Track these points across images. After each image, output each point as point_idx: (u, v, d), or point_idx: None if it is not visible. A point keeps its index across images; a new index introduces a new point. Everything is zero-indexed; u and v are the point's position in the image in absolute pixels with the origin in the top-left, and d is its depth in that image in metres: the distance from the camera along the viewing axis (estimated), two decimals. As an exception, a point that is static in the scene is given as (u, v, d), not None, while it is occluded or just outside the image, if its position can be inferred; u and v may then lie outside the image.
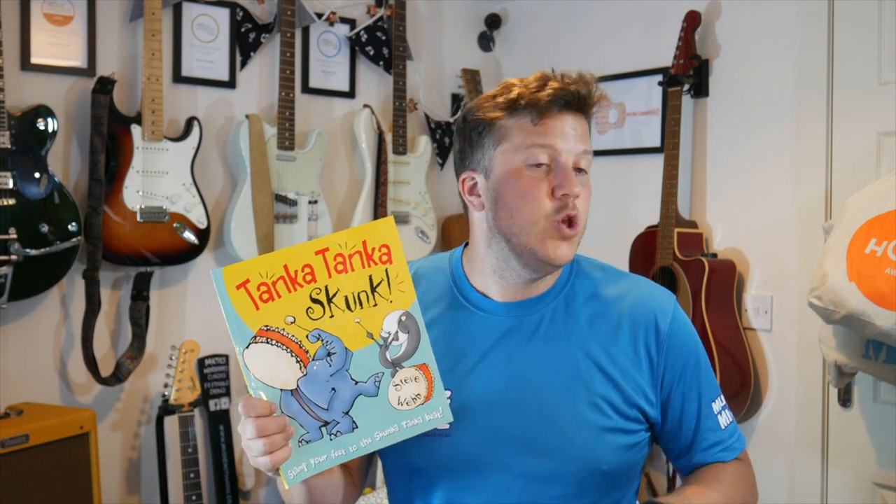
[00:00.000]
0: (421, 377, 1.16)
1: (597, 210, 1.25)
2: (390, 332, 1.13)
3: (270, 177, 2.70)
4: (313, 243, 1.09)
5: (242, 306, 1.06)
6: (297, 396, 1.09)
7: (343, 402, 1.11)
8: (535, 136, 1.21)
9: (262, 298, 1.06)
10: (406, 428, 1.16)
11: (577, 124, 1.23)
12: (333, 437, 1.11)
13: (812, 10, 2.42)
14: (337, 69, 3.02)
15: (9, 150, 2.19)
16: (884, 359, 1.99)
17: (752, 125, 2.59)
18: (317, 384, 1.10)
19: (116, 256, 2.43)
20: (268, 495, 2.89)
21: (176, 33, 2.64)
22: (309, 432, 1.10)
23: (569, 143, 1.22)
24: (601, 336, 1.28)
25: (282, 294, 1.07)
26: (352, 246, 1.10)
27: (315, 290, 1.08)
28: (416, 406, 1.15)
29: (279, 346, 1.07)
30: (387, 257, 1.13)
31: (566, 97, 1.22)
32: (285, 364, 1.08)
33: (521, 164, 1.22)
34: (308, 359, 1.09)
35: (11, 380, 2.36)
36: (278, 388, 1.08)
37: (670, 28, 2.70)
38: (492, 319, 1.29)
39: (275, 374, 1.08)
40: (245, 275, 1.06)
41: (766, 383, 2.55)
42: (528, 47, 3.28)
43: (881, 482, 2.29)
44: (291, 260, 1.07)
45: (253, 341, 1.07)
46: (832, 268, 1.95)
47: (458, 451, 1.25)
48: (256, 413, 1.07)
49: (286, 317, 1.07)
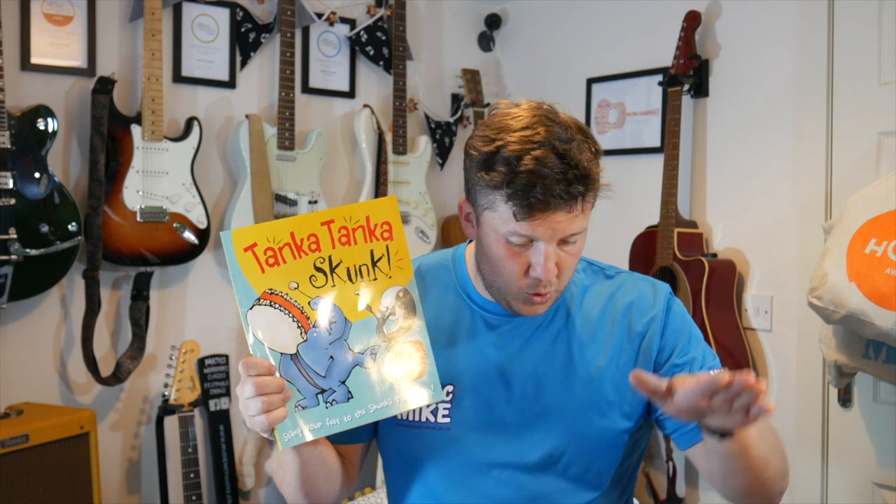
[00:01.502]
0: (415, 354, 1.18)
1: (597, 210, 1.25)
2: (388, 307, 1.16)
3: (270, 177, 2.70)
4: (319, 214, 1.12)
5: (249, 268, 1.09)
6: (297, 361, 1.11)
7: (340, 371, 1.13)
8: (518, 226, 1.14)
9: (268, 263, 1.09)
10: (398, 403, 1.17)
11: (570, 211, 1.14)
12: (329, 406, 1.13)
13: (812, 11, 2.42)
14: (337, 69, 3.02)
15: (9, 150, 2.19)
16: (884, 359, 2.00)
17: (752, 125, 2.59)
18: (316, 351, 1.12)
19: (116, 256, 2.43)
20: (268, 495, 2.89)
21: (176, 33, 2.64)
22: (305, 398, 1.12)
23: (553, 233, 1.15)
24: (598, 332, 1.30)
25: (287, 260, 1.10)
26: (356, 220, 1.14)
27: (319, 259, 1.12)
28: (409, 382, 1.17)
29: (282, 311, 1.10)
30: (388, 234, 1.16)
31: (561, 196, 1.12)
32: (287, 328, 1.11)
33: (503, 235, 1.17)
34: (309, 325, 1.11)
35: (11, 380, 2.36)
36: (278, 351, 1.11)
37: (670, 28, 2.70)
38: (491, 317, 1.30)
39: (276, 338, 1.10)
40: (252, 238, 1.09)
41: (766, 383, 2.55)
42: (528, 47, 3.28)
43: (881, 482, 2.29)
44: (298, 228, 1.11)
45: (257, 303, 1.09)
46: (832, 268, 1.95)
47: (458, 444, 1.26)
48: (257, 371, 1.08)
49: (290, 282, 1.10)
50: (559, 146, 1.12)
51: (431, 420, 1.27)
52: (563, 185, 1.11)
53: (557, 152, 1.12)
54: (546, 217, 1.13)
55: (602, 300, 1.32)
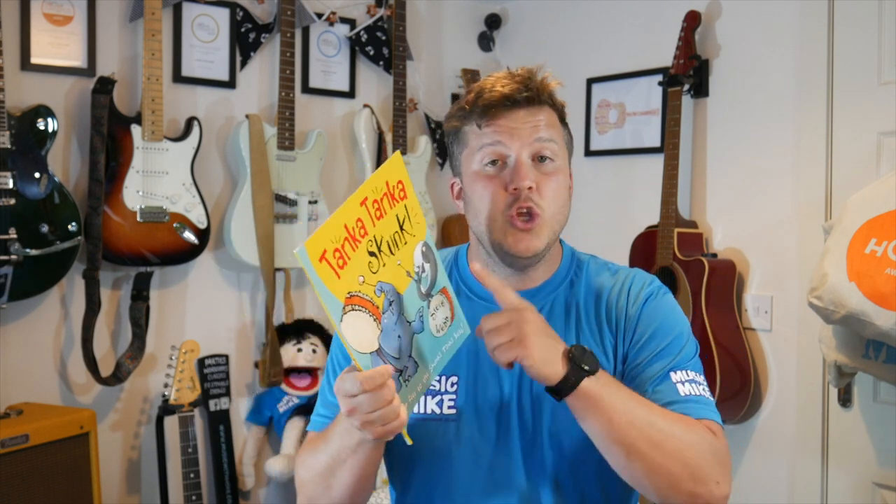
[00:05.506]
0: (445, 301, 1.18)
1: (597, 210, 1.25)
2: (419, 266, 1.14)
3: (270, 177, 2.70)
4: (355, 196, 1.05)
5: (328, 278, 1.01)
6: (381, 355, 1.07)
7: (406, 346, 1.11)
8: (483, 137, 1.26)
9: (339, 265, 1.02)
10: (445, 352, 1.17)
11: (531, 116, 1.26)
12: (406, 383, 1.11)
13: (812, 10, 2.42)
14: (337, 69, 3.02)
15: (9, 150, 2.19)
16: (884, 359, 1.99)
17: (752, 125, 2.59)
18: (389, 336, 1.08)
19: (116, 256, 2.43)
20: (268, 495, 2.89)
21: (176, 33, 2.64)
22: (394, 385, 1.08)
23: (520, 138, 1.25)
24: (598, 328, 1.30)
25: (350, 256, 1.03)
26: (380, 189, 1.09)
27: (369, 242, 1.06)
28: (447, 329, 1.18)
29: (361, 311, 1.05)
30: (403, 193, 1.13)
31: (511, 94, 1.24)
32: (368, 326, 1.05)
33: (479, 165, 1.27)
34: (380, 314, 1.07)
35: (11, 380, 2.36)
36: (367, 352, 1.06)
37: (670, 28, 2.70)
38: (493, 309, 1.30)
39: (362, 340, 1.05)
40: (322, 245, 1.01)
41: (766, 383, 2.55)
42: (528, 47, 3.28)
43: (881, 482, 2.29)
44: (347, 218, 1.04)
45: (343, 312, 1.03)
46: (832, 268, 1.95)
47: (464, 434, 1.27)
48: (379, 383, 1.03)
49: (358, 277, 1.04)
50: (516, 71, 1.29)
51: (437, 412, 1.28)
52: (517, 84, 1.25)
53: (512, 72, 1.29)
54: (508, 117, 1.25)
55: (603, 292, 1.33)
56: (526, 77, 1.27)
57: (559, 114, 1.31)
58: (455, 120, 1.31)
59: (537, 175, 1.25)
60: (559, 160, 1.28)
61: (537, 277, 1.32)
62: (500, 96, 1.25)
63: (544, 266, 1.32)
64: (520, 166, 1.24)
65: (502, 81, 1.26)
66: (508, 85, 1.25)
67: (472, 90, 1.29)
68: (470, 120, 1.28)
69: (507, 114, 1.25)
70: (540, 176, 1.25)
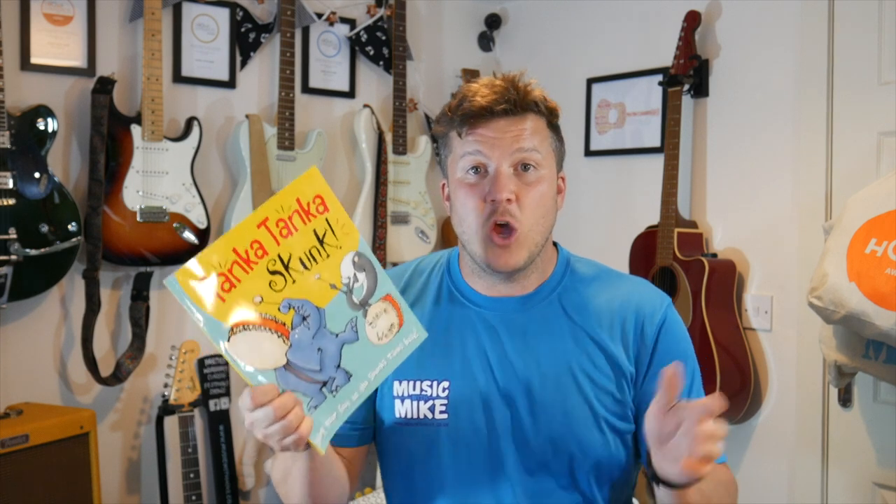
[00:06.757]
0: (389, 307, 1.17)
1: (597, 210, 1.25)
2: (349, 276, 1.14)
3: (270, 177, 2.70)
4: (252, 217, 1.07)
5: (206, 303, 1.04)
6: (291, 369, 1.09)
7: (332, 358, 1.12)
8: (465, 146, 1.26)
9: (224, 289, 1.04)
10: (392, 359, 1.17)
11: (513, 126, 1.24)
12: (335, 394, 1.12)
13: (812, 10, 2.42)
14: (337, 69, 3.02)
15: (9, 150, 2.19)
16: (884, 359, 1.99)
17: (752, 125, 2.59)
18: (303, 350, 1.09)
19: (116, 256, 2.43)
20: (268, 495, 2.89)
21: (176, 33, 2.64)
22: (313, 398, 1.10)
23: (500, 148, 1.23)
24: (593, 335, 1.30)
25: (241, 278, 1.05)
26: (288, 207, 1.10)
27: (270, 262, 1.07)
28: (393, 336, 1.17)
29: (258, 330, 1.07)
30: (322, 207, 1.13)
31: (489, 106, 1.23)
32: (269, 344, 1.07)
33: (461, 173, 1.27)
34: (287, 330, 1.08)
35: (11, 380, 2.36)
36: (271, 369, 1.08)
37: (670, 28, 2.70)
38: (485, 313, 1.32)
39: (263, 358, 1.07)
40: (198, 272, 1.03)
41: (766, 383, 2.55)
42: (528, 47, 3.28)
43: (881, 482, 2.29)
44: (237, 241, 1.06)
45: (231, 334, 1.06)
46: (832, 268, 1.95)
47: (455, 440, 1.27)
48: (268, 398, 1.05)
49: (254, 298, 1.06)
50: (501, 77, 1.27)
51: (429, 416, 1.28)
52: (500, 94, 1.23)
53: (497, 79, 1.27)
54: (489, 126, 1.24)
55: (604, 301, 1.32)
56: (505, 88, 1.25)
57: (548, 118, 1.29)
58: (441, 125, 1.31)
59: (518, 185, 1.24)
60: (544, 168, 1.27)
61: (529, 284, 1.32)
62: (478, 107, 1.24)
63: (536, 273, 1.32)
64: (499, 177, 1.23)
65: (482, 91, 1.25)
66: (488, 96, 1.24)
67: (457, 95, 1.28)
68: (453, 126, 1.28)
69: (487, 123, 1.24)
70: (521, 186, 1.24)
